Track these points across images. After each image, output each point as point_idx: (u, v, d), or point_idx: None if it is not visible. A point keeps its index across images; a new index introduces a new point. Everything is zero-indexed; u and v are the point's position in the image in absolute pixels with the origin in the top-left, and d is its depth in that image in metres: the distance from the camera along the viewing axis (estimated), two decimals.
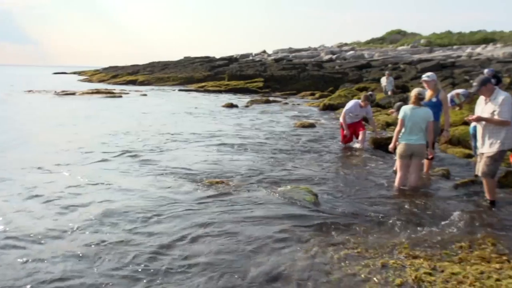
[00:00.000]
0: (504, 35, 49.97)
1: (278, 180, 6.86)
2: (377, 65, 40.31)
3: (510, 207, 5.81)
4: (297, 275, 3.64)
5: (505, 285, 3.13)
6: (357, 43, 62.40)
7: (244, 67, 40.06)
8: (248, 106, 19.99)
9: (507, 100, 5.54)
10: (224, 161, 8.17)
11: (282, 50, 59.04)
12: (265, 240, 4.41)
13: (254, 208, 5.43)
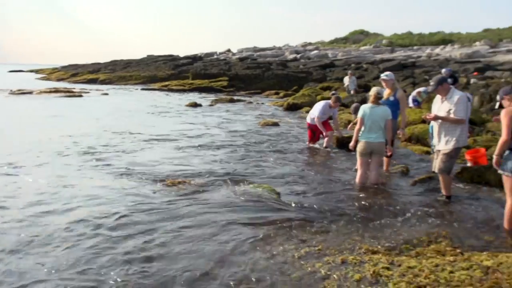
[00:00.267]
0: (461, 36, 51.79)
1: (241, 179, 6.84)
2: (340, 65, 40.96)
3: (465, 202, 6.02)
4: (256, 275, 3.61)
5: (457, 276, 3.22)
6: (321, 43, 63.17)
7: (208, 66, 39.83)
8: (213, 105, 19.90)
9: (462, 99, 5.73)
10: (187, 161, 8.07)
11: (247, 49, 59.12)
12: (224, 240, 4.37)
13: (214, 208, 5.38)
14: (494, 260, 3.43)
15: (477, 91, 19.35)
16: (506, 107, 4.76)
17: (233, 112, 17.06)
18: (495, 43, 43.90)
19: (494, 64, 34.90)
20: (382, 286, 3.29)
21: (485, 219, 5.29)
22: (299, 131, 12.29)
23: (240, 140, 10.56)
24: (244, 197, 5.81)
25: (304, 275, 3.62)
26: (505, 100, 4.83)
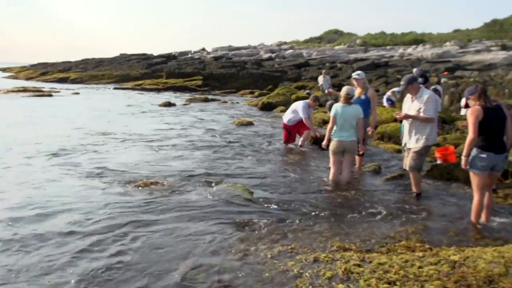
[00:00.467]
0: (432, 36, 52.92)
1: (215, 178, 6.80)
2: (315, 64, 41.30)
3: (434, 198, 6.15)
4: (228, 275, 3.59)
5: (426, 271, 3.28)
6: (296, 42, 63.52)
7: (182, 65, 39.56)
8: (187, 105, 19.74)
9: (432, 98, 5.85)
10: (160, 161, 7.97)
11: (222, 48, 58.95)
12: (196, 241, 4.33)
13: (187, 208, 5.33)
14: (461, 254, 3.50)
15: (447, 90, 19.80)
16: (471, 106, 4.88)
17: (208, 112, 16.97)
18: (464, 43, 45.03)
19: (463, 64, 35.83)
20: (353, 282, 3.32)
21: (453, 215, 5.42)
22: (274, 131, 12.32)
23: (215, 140, 10.51)
24: (218, 197, 5.78)
25: (276, 274, 3.62)
26: (471, 100, 4.96)
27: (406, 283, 3.16)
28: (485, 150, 4.78)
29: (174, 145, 9.59)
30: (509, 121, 4.88)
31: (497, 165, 4.85)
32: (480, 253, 3.48)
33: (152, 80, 33.15)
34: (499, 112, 4.84)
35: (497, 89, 19.31)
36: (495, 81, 24.06)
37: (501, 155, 4.82)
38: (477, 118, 4.72)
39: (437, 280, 3.12)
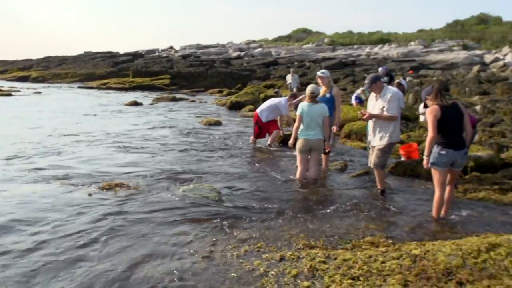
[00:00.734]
0: (398, 36, 54.06)
1: (182, 179, 6.74)
2: (284, 63, 41.58)
3: (398, 194, 6.30)
4: (194, 279, 3.56)
5: (388, 266, 3.35)
6: (265, 41, 63.66)
7: (150, 64, 39.00)
8: (154, 104, 19.48)
9: (395, 97, 5.98)
10: (126, 162, 7.82)
11: (190, 46, 58.47)
12: (160, 244, 4.27)
13: (152, 210, 5.25)
14: (421, 248, 3.59)
15: (411, 88, 20.31)
16: (430, 106, 5.03)
17: (175, 111, 16.80)
18: (428, 43, 46.24)
19: (427, 63, 36.85)
20: (318, 279, 3.35)
21: (416, 210, 5.57)
22: (242, 130, 12.32)
23: (182, 140, 10.41)
24: (184, 198, 5.73)
25: (242, 274, 3.62)
26: (428, 100, 5.12)
27: (369, 278, 3.22)
28: (444, 147, 4.94)
29: (141, 146, 9.45)
30: (466, 118, 5.04)
31: (457, 161, 5.01)
32: (440, 246, 3.58)
33: (118, 79, 32.54)
34: (456, 110, 5.00)
35: (458, 88, 19.97)
36: (456, 80, 24.85)
37: (460, 151, 4.98)
38: (435, 117, 4.87)
39: (399, 274, 3.19)
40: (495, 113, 13.01)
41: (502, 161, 7.56)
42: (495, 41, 43.01)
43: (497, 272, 3.07)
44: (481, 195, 6.15)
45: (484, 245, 3.43)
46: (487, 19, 54.45)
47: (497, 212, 5.53)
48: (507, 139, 9.61)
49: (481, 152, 7.78)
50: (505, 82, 21.08)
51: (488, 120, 11.84)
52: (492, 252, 3.33)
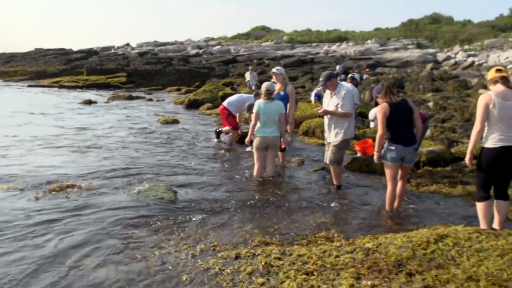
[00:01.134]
0: (355, 34, 55.24)
1: (137, 179, 6.58)
2: (243, 60, 41.62)
3: (354, 190, 6.40)
4: (146, 282, 3.47)
5: (342, 260, 3.38)
6: (224, 38, 63.44)
7: (105, 61, 38.01)
8: (109, 103, 18.95)
9: (349, 94, 6.07)
10: (79, 163, 7.54)
11: (147, 44, 57.39)
12: (111, 248, 4.12)
13: (104, 212, 5.09)
14: (374, 242, 3.65)
15: (368, 86, 20.79)
16: (380, 104, 5.14)
17: (132, 109, 16.41)
18: (384, 41, 47.53)
19: (383, 61, 37.89)
20: (272, 276, 3.34)
21: (371, 205, 5.68)
22: (200, 128, 12.20)
23: (138, 139, 10.18)
24: (139, 198, 5.60)
25: (197, 273, 3.56)
26: (379, 98, 5.24)
27: (323, 272, 3.23)
28: (394, 143, 5.07)
29: (95, 145, 9.15)
30: (416, 114, 5.18)
31: (407, 157, 5.13)
32: (392, 239, 3.65)
33: (72, 77, 31.38)
34: (405, 106, 5.13)
35: (412, 85, 20.60)
36: (411, 77, 25.67)
37: (410, 147, 5.11)
38: (385, 115, 4.99)
39: (352, 268, 3.22)
40: (447, 109, 13.51)
41: (452, 156, 7.84)
42: (447, 40, 44.83)
43: (444, 262, 3.15)
44: (433, 188, 6.35)
45: (433, 237, 3.52)
46: (439, 18, 56.62)
47: (447, 204, 5.73)
48: (457, 134, 9.99)
49: (433, 147, 8.03)
50: (456, 79, 21.95)
51: (440, 116, 12.27)
52: (440, 243, 3.42)
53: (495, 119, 4.20)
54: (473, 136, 4.32)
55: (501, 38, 41.02)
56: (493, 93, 4.24)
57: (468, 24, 51.47)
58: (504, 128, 4.19)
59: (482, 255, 3.19)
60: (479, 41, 41.21)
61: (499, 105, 4.15)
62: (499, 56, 33.00)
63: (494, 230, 3.98)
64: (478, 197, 4.46)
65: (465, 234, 3.54)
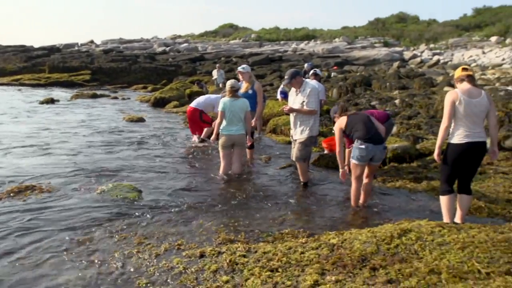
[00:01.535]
0: (323, 32, 55.79)
1: (101, 178, 6.39)
2: (210, 58, 41.38)
3: (320, 186, 6.43)
4: (105, 286, 3.36)
5: (307, 256, 3.37)
6: (191, 36, 62.85)
7: (68, 58, 36.90)
8: (72, 101, 18.37)
9: (314, 91, 6.09)
10: (40, 163, 7.25)
11: (112, 41, 56.19)
12: (67, 251, 3.98)
13: (64, 212, 4.92)
14: (339, 237, 3.65)
15: (336, 83, 21.01)
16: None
17: (96, 108, 15.97)
18: (352, 40, 48.26)
19: (351, 59, 38.47)
20: (237, 273, 3.29)
21: (337, 201, 5.72)
22: (166, 126, 12.01)
23: (102, 138, 9.91)
24: (102, 198, 5.43)
25: (160, 273, 3.47)
26: (336, 118, 5.61)
27: (288, 269, 3.21)
28: (364, 142, 5.13)
29: (57, 145, 8.84)
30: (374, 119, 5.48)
31: (376, 156, 5.19)
32: (356, 234, 3.66)
33: (33, 75, 30.20)
34: (361, 115, 5.51)
35: (380, 83, 20.95)
36: (378, 75, 26.12)
37: (379, 145, 5.19)
38: (341, 130, 5.37)
39: (316, 264, 3.21)
40: (413, 106, 13.78)
41: (417, 152, 7.99)
42: (413, 39, 45.98)
43: (407, 256, 3.18)
44: (398, 184, 6.45)
45: (396, 231, 3.55)
46: (405, 17, 57.98)
47: (412, 199, 5.83)
48: (422, 131, 10.19)
49: (398, 143, 8.17)
50: (422, 77, 22.48)
51: (406, 113, 12.50)
52: (403, 238, 3.45)
53: (461, 116, 4.30)
54: (441, 132, 4.42)
55: (465, 37, 42.44)
56: (460, 90, 4.35)
57: (433, 23, 52.94)
58: (469, 125, 4.31)
59: (444, 249, 3.23)
60: (444, 40, 42.49)
61: (465, 102, 4.26)
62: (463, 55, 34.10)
63: (456, 224, 4.05)
64: (442, 191, 4.56)
65: (428, 228, 3.59)
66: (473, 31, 44.62)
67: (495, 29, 41.38)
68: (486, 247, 3.19)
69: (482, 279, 2.81)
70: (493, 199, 5.59)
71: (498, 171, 6.85)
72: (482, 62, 30.00)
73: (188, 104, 16.52)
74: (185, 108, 15.53)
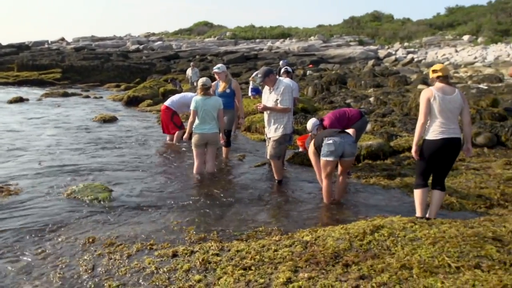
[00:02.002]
0: (298, 31, 55.92)
1: (72, 179, 6.24)
2: (185, 56, 40.97)
3: (295, 184, 6.43)
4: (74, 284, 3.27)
5: (281, 253, 3.35)
6: (165, 34, 62.11)
7: (37, 56, 35.85)
8: (42, 100, 17.87)
9: (287, 89, 6.08)
10: (8, 164, 7.06)
11: (84, 38, 55.00)
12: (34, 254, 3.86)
13: (31, 214, 4.79)
14: (313, 235, 3.65)
15: (311, 82, 21.10)
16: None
17: (67, 107, 15.54)
18: (327, 38, 48.56)
19: (326, 57, 38.70)
20: (210, 272, 3.25)
21: (312, 199, 5.71)
22: (139, 125, 11.82)
23: (73, 138, 9.67)
24: (71, 198, 5.30)
25: (132, 273, 3.40)
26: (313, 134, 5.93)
27: (261, 267, 3.18)
28: (330, 137, 5.16)
29: (26, 146, 8.59)
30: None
31: (346, 150, 5.20)
32: (330, 231, 3.67)
33: (1, 73, 29.33)
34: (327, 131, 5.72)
35: (355, 81, 21.13)
36: (353, 74, 26.34)
37: (348, 139, 5.20)
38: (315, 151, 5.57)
39: (290, 261, 3.19)
40: (387, 104, 13.94)
41: (391, 149, 8.08)
42: (388, 37, 46.59)
43: (380, 252, 3.20)
44: (372, 180, 6.50)
45: (369, 228, 3.58)
46: (380, 16, 58.67)
47: (386, 196, 5.87)
48: (396, 128, 10.31)
49: (373, 141, 8.23)
50: (396, 75, 22.78)
51: (380, 111, 12.63)
52: (376, 234, 3.48)
53: (436, 112, 4.39)
54: (418, 128, 4.50)
55: (438, 36, 43.27)
56: (434, 88, 4.47)
57: (407, 22, 53.72)
58: (444, 121, 4.39)
59: (415, 244, 3.26)
60: (418, 39, 43.19)
61: (439, 99, 4.36)
62: (436, 53, 34.74)
63: (428, 219, 4.10)
64: (416, 184, 4.63)
65: (400, 224, 3.62)
66: (446, 30, 45.51)
67: (467, 28, 42.32)
68: (456, 241, 3.23)
69: (452, 273, 2.84)
70: (465, 194, 5.70)
71: (469, 167, 6.98)
72: (455, 60, 30.62)
73: (162, 102, 16.41)
74: (158, 107, 15.33)
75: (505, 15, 41.75)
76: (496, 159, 7.24)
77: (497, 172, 6.53)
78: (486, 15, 43.66)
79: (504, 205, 5.29)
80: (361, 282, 2.80)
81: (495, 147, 8.09)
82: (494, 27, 38.61)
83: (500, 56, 28.58)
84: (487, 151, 7.97)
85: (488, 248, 3.14)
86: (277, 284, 2.88)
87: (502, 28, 38.39)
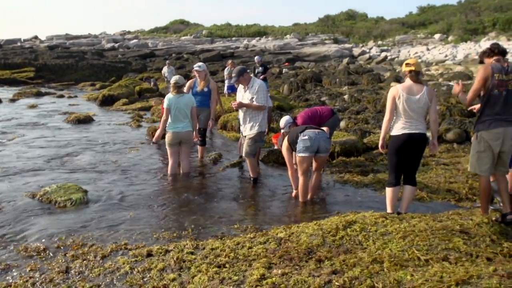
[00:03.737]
0: (274, 29, 56.02)
1: (45, 181, 6.12)
2: (161, 55, 40.63)
3: (271, 181, 6.48)
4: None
5: (255, 251, 3.39)
6: (141, 32, 61.34)
7: (10, 55, 34.96)
8: (15, 100, 17.46)
9: (262, 87, 6.12)
10: None
11: (58, 37, 53.84)
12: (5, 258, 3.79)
13: (2, 217, 4.72)
14: (287, 231, 3.70)
15: (287, 80, 21.20)
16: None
17: (39, 107, 15.20)
18: (302, 36, 48.79)
19: (302, 55, 38.92)
20: (184, 271, 3.26)
21: (286, 196, 5.78)
22: (114, 124, 11.68)
23: (47, 138, 9.49)
24: (44, 199, 5.21)
25: (106, 274, 3.37)
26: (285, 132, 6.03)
27: (236, 264, 3.21)
28: (305, 133, 5.22)
29: None
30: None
31: (321, 146, 5.27)
32: (304, 228, 3.72)
33: None
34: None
35: (330, 79, 21.33)
36: (328, 71, 26.56)
37: (322, 134, 5.27)
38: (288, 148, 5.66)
39: (264, 258, 3.23)
40: (361, 101, 14.12)
41: (364, 146, 8.21)
42: (362, 36, 47.13)
43: (352, 247, 3.26)
44: (346, 177, 6.59)
45: (342, 223, 3.64)
46: (354, 15, 59.29)
47: (359, 192, 5.97)
48: (369, 125, 10.47)
49: (347, 137, 8.34)
50: (370, 73, 23.05)
51: (354, 108, 12.79)
52: (348, 229, 3.54)
53: (400, 111, 4.50)
54: (384, 124, 4.63)
55: (411, 34, 44.04)
56: (400, 87, 4.56)
57: (381, 21, 54.45)
58: (407, 119, 4.51)
59: (386, 238, 3.34)
60: (391, 37, 43.87)
61: (403, 99, 4.46)
62: (409, 51, 35.35)
63: (399, 214, 4.19)
64: (388, 183, 4.72)
65: (371, 219, 3.70)
66: (418, 29, 46.35)
67: (438, 27, 43.20)
68: (426, 235, 3.32)
69: (421, 266, 2.93)
70: (435, 189, 5.84)
71: (439, 163, 7.15)
72: (427, 58, 31.23)
73: (137, 101, 16.22)
74: (134, 105, 15.18)
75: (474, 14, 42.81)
76: (465, 154, 7.43)
77: (466, 167, 6.69)
78: (456, 14, 44.67)
79: (472, 198, 5.45)
80: (333, 277, 2.85)
81: (464, 143, 8.30)
82: (463, 26, 39.54)
83: (470, 54, 29.31)
84: (456, 147, 8.18)
85: (456, 240, 3.24)
86: (251, 281, 2.91)
87: (471, 27, 39.35)
